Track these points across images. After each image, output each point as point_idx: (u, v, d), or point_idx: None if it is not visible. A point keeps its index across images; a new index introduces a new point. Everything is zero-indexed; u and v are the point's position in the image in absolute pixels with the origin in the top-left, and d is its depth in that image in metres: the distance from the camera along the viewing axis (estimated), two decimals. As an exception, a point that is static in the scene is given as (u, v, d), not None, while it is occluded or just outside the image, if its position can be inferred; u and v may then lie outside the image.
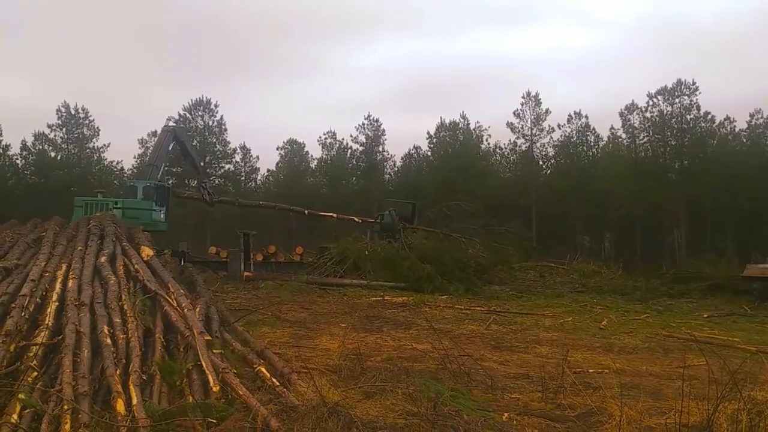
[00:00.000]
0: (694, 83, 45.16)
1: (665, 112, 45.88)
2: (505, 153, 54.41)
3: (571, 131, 51.19)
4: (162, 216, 24.91)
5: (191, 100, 51.58)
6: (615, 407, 6.49)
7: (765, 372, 8.09)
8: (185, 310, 9.08)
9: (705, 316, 17.13)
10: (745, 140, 47.15)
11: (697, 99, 45.20)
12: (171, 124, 26.26)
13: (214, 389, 6.58)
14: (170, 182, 37.29)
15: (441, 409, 6.34)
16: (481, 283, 22.97)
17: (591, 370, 9.16)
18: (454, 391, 7.18)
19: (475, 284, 22.37)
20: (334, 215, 31.00)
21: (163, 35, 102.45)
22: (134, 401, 6.02)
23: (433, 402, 6.45)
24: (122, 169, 52.82)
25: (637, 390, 7.69)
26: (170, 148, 26.46)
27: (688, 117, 45.46)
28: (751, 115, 46.96)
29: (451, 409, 6.42)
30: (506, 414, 6.66)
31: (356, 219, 30.37)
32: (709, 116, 45.73)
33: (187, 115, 51.26)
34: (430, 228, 26.45)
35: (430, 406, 6.35)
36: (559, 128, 50.85)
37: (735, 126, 47.33)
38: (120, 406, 5.90)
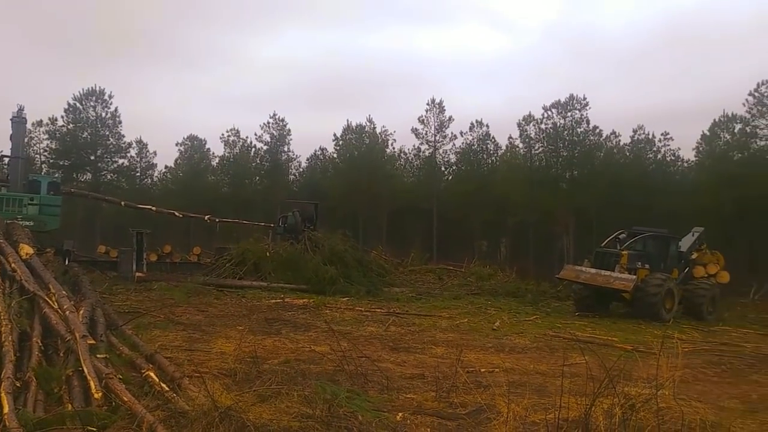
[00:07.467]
0: (584, 98, 48.06)
1: (558, 124, 48.52)
2: (410, 158, 55.43)
3: (473, 139, 52.94)
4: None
5: (82, 89, 48.53)
6: (503, 404, 6.78)
7: (638, 369, 8.73)
8: (67, 312, 8.54)
9: (591, 316, 18.30)
10: (628, 153, 50.64)
11: (587, 113, 48.16)
12: (22, 114, 25.37)
13: (96, 396, 6.22)
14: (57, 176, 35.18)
15: (336, 410, 6.36)
16: (382, 285, 23.23)
17: (483, 370, 9.52)
18: (350, 392, 7.21)
19: (376, 286, 22.59)
20: (153, 208, 29.48)
21: (54, 19, 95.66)
22: (6, 409, 5.59)
23: (328, 404, 6.45)
24: (1, 159, 48.79)
25: (524, 387, 8.08)
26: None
27: (579, 130, 48.34)
28: (634, 131, 50.56)
29: (346, 410, 6.45)
30: (400, 414, 6.77)
31: (177, 214, 29.41)
32: (597, 130, 48.81)
33: (78, 105, 48.23)
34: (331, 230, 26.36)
35: (325, 408, 6.35)
36: (461, 136, 52.51)
37: (620, 140, 50.73)
38: (-12, 415, 5.45)
